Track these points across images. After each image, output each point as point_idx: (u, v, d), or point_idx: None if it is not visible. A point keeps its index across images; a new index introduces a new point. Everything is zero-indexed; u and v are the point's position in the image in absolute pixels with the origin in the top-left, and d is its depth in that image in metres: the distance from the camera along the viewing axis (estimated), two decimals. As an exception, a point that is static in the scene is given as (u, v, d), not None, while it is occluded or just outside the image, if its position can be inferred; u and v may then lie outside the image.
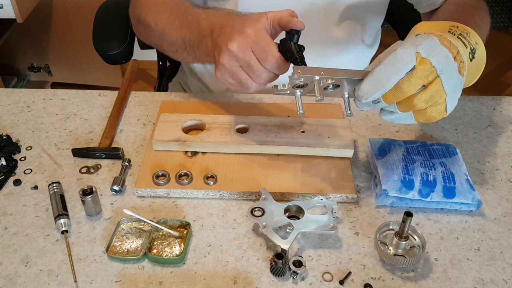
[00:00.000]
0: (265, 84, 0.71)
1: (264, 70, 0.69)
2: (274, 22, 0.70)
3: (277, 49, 0.68)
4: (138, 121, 0.93)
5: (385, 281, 0.66)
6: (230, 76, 0.71)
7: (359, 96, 0.65)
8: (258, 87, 0.71)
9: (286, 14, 0.70)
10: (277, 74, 0.70)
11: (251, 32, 0.68)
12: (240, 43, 0.68)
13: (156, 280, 0.66)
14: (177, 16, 0.85)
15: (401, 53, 0.62)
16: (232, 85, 0.73)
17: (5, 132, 0.90)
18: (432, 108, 0.64)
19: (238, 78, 0.71)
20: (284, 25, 0.70)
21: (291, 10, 0.71)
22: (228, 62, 0.69)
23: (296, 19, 0.70)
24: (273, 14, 0.70)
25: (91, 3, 2.09)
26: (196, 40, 0.80)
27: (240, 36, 0.68)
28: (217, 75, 0.72)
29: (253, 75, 0.70)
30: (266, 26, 0.70)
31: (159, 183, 0.77)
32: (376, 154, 0.80)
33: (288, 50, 0.68)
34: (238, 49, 0.68)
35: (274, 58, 0.68)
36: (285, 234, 0.70)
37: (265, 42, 0.68)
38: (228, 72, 0.71)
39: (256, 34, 0.68)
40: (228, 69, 0.70)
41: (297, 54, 0.67)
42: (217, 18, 0.76)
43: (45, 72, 2.44)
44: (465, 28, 0.69)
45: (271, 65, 0.68)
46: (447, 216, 0.75)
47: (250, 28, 0.68)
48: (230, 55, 0.69)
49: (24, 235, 0.72)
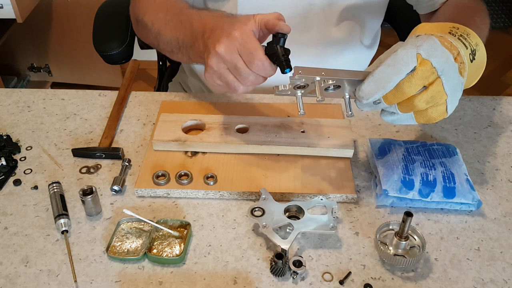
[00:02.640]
0: (253, 86, 0.71)
1: (251, 72, 0.69)
2: (261, 24, 0.70)
3: (263, 52, 0.68)
4: (138, 121, 0.93)
5: (385, 281, 0.66)
6: (218, 78, 0.71)
7: (359, 96, 0.65)
8: (245, 89, 0.71)
9: (273, 17, 0.70)
10: (264, 76, 0.70)
11: (238, 34, 0.68)
12: (227, 46, 0.68)
13: (156, 280, 0.66)
14: (172, 16, 0.85)
15: (402, 54, 0.62)
16: (221, 87, 0.73)
17: (5, 132, 0.90)
18: (432, 109, 0.64)
19: (226, 80, 0.71)
20: (270, 28, 0.70)
21: (279, 13, 0.71)
22: (216, 64, 0.70)
23: (282, 23, 0.70)
24: (260, 17, 0.70)
25: (91, 3, 2.09)
26: (189, 41, 0.81)
27: (227, 39, 0.68)
28: (205, 76, 0.73)
29: (240, 77, 0.70)
30: (254, 29, 0.70)
31: (159, 183, 0.77)
32: (376, 154, 0.80)
33: (274, 53, 0.68)
34: (225, 51, 0.68)
35: (261, 61, 0.67)
36: (285, 234, 0.70)
37: (251, 45, 0.68)
38: (216, 74, 0.71)
39: (243, 37, 0.68)
40: (216, 71, 0.70)
41: (283, 57, 0.67)
42: (209, 19, 0.77)
43: (45, 72, 2.44)
44: (466, 29, 0.69)
45: (257, 68, 0.68)
46: (447, 216, 0.75)
47: (237, 30, 0.68)
48: (218, 57, 0.69)
49: (24, 235, 0.72)
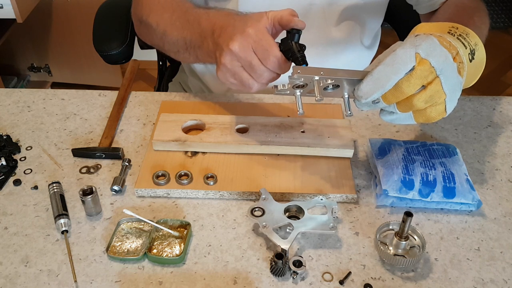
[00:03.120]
0: (267, 83, 0.71)
1: (266, 69, 0.69)
2: (274, 21, 0.70)
3: (278, 49, 0.68)
4: (138, 121, 0.93)
5: (385, 281, 0.66)
6: (232, 76, 0.71)
7: (358, 96, 0.65)
8: (260, 86, 0.71)
9: (287, 13, 0.70)
10: (279, 73, 0.70)
11: (252, 32, 0.68)
12: (241, 43, 0.68)
13: (156, 280, 0.66)
14: (178, 16, 0.85)
15: (401, 54, 0.62)
16: (234, 85, 0.73)
17: (5, 132, 0.90)
18: (431, 108, 0.64)
19: (240, 78, 0.71)
20: (285, 24, 0.70)
21: (292, 10, 0.71)
22: (229, 62, 0.69)
23: (297, 18, 0.70)
24: (274, 13, 0.70)
25: (91, 3, 2.09)
26: (197, 40, 0.80)
27: (241, 36, 0.68)
28: (218, 75, 0.72)
29: (254, 74, 0.70)
30: (267, 25, 0.70)
31: (159, 183, 0.77)
32: (376, 154, 0.80)
33: (290, 49, 0.68)
34: (240, 49, 0.68)
35: (276, 58, 0.68)
36: (285, 234, 0.70)
37: (266, 41, 0.68)
38: (229, 72, 0.71)
39: (257, 33, 0.68)
40: (229, 69, 0.70)
41: (298, 53, 0.67)
42: (218, 18, 0.76)
43: (45, 72, 2.44)
44: (465, 29, 0.69)
45: (272, 65, 0.68)
46: (447, 216, 0.75)
47: (251, 28, 0.68)
48: (232, 55, 0.69)
49: (24, 235, 0.72)
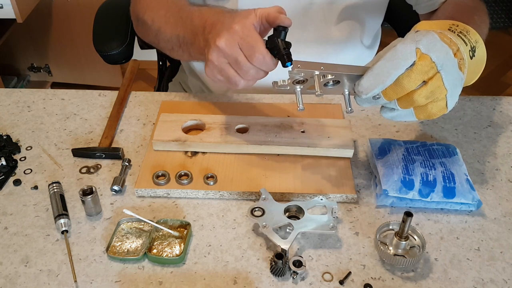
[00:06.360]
0: (254, 81, 0.71)
1: (252, 66, 0.68)
2: (262, 18, 0.70)
3: (264, 46, 0.67)
4: (138, 121, 0.93)
5: (385, 281, 0.66)
6: (219, 73, 0.71)
7: (359, 91, 0.65)
8: (246, 83, 0.71)
9: (273, 10, 0.69)
10: (265, 70, 0.70)
11: (239, 28, 0.67)
12: (227, 40, 0.67)
13: (156, 280, 0.66)
14: (172, 14, 0.85)
15: (401, 49, 0.62)
16: (221, 82, 0.72)
17: (5, 132, 0.90)
18: (432, 104, 0.64)
19: (227, 75, 0.70)
20: (271, 21, 0.69)
21: (279, 7, 0.70)
22: (216, 58, 0.69)
23: (283, 16, 0.69)
24: (261, 10, 0.70)
25: (91, 3, 2.09)
26: (189, 37, 0.80)
27: (228, 33, 0.68)
28: (206, 71, 0.72)
29: (240, 71, 0.69)
30: (255, 22, 0.69)
31: (159, 183, 0.77)
32: (376, 154, 0.80)
33: (275, 46, 0.67)
34: (226, 45, 0.67)
35: (261, 55, 0.67)
36: (285, 234, 0.70)
37: (252, 38, 0.67)
38: (216, 69, 0.70)
39: (244, 30, 0.67)
40: (216, 65, 0.70)
41: (284, 50, 0.66)
42: (210, 15, 0.76)
43: (45, 72, 2.44)
44: (465, 26, 0.69)
45: (258, 62, 0.67)
46: (447, 216, 0.75)
47: (238, 24, 0.68)
48: (218, 51, 0.68)
49: (24, 235, 0.72)
